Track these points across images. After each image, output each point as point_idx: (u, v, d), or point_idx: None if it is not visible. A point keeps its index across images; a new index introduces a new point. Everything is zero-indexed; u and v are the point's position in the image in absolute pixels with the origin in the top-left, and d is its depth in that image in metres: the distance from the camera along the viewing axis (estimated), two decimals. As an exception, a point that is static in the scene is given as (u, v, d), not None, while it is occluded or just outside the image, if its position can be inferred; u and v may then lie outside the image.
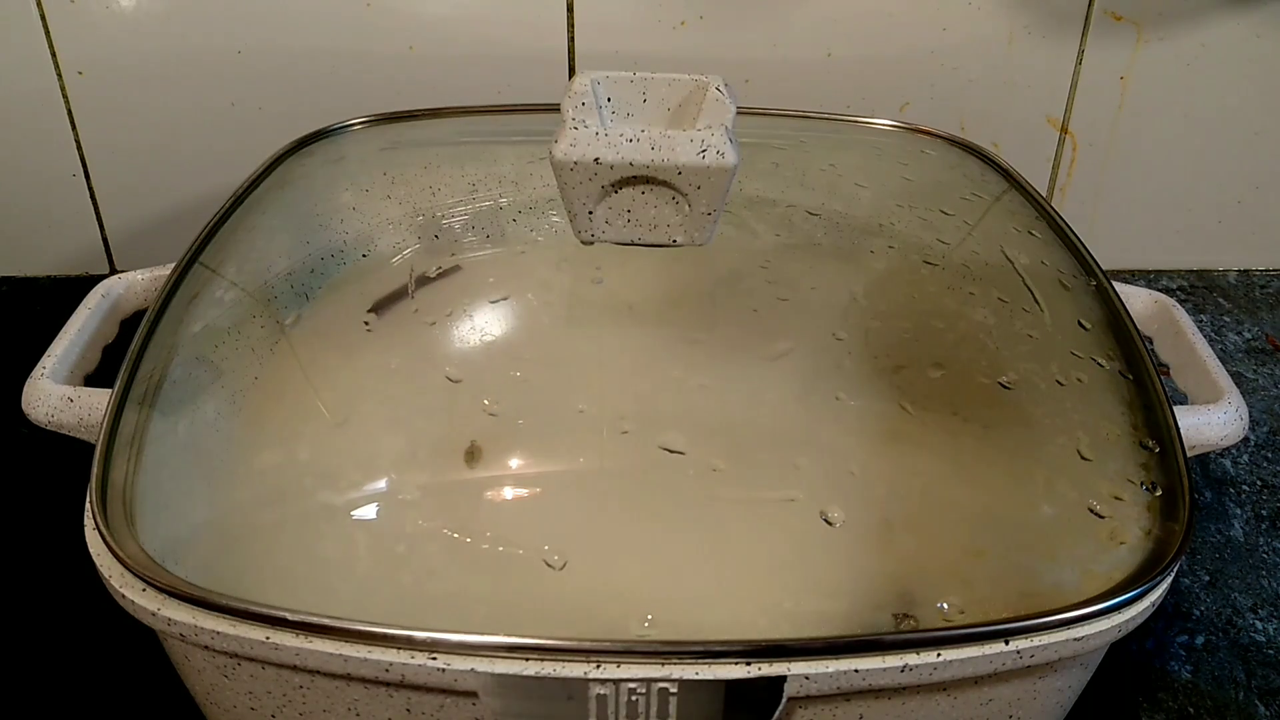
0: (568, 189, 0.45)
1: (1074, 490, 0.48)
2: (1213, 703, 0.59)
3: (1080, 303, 0.56)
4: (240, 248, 0.60)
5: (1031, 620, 0.43)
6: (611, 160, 0.44)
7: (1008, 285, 0.56)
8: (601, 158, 0.44)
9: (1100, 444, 0.49)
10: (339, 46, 0.80)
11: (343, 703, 0.44)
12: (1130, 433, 0.50)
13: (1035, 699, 0.47)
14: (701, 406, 0.50)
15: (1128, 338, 0.54)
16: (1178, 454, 0.48)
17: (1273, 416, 0.77)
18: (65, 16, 0.78)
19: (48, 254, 0.88)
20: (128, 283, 0.61)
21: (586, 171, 0.44)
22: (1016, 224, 0.63)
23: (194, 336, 0.54)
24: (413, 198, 0.62)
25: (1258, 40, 0.80)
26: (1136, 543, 0.46)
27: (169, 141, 0.83)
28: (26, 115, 0.82)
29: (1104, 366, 0.53)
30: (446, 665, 0.41)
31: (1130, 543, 0.46)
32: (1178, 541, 0.46)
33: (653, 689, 0.42)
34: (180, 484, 0.48)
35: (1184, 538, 0.45)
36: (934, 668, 0.42)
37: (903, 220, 0.61)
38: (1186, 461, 0.48)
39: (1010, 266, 0.58)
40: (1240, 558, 0.67)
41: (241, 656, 0.44)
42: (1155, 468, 0.48)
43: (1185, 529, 0.46)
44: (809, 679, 0.42)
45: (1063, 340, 0.54)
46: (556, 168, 0.44)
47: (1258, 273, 0.91)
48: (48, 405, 0.52)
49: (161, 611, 0.43)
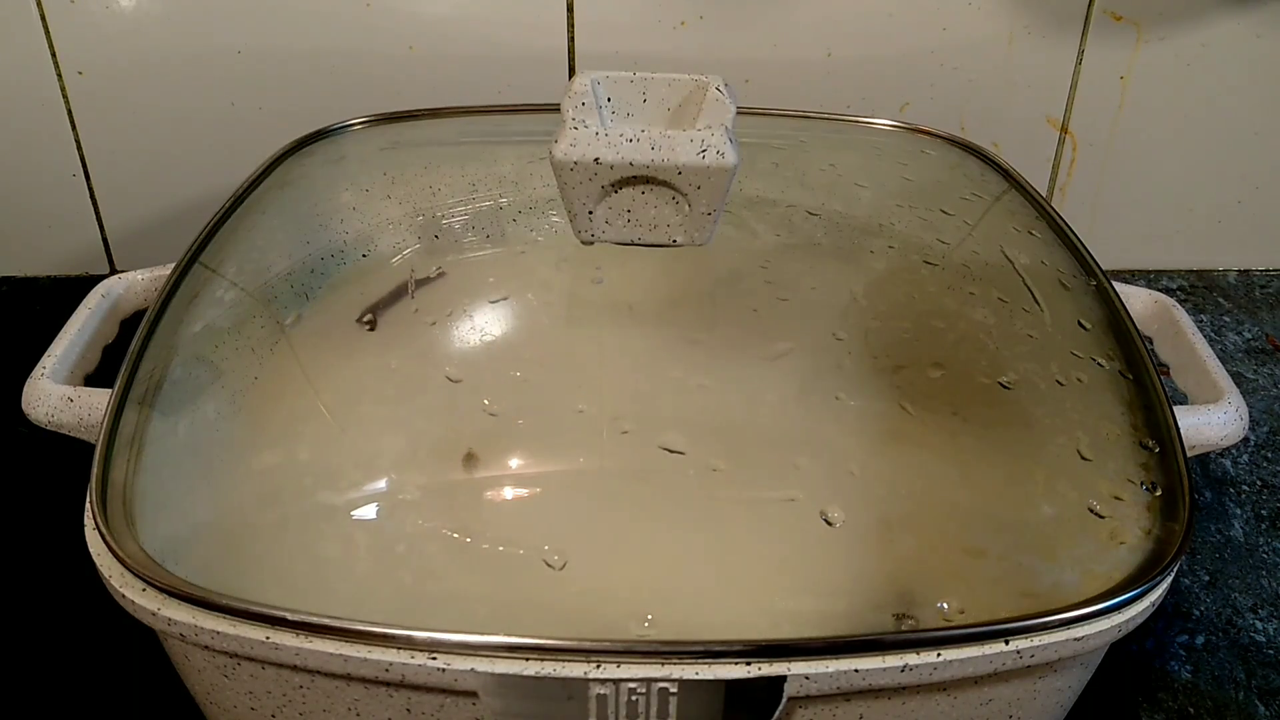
0: (568, 189, 0.45)
1: (1074, 490, 0.48)
2: (1213, 703, 0.59)
3: (1080, 303, 0.56)
4: (240, 247, 0.60)
5: (1031, 620, 0.43)
6: (611, 160, 0.44)
7: (1007, 285, 0.56)
8: (601, 157, 0.44)
9: (1100, 444, 0.49)
10: (339, 46, 0.80)
11: (342, 703, 0.44)
12: (1130, 433, 0.50)
13: (1035, 699, 0.47)
14: (701, 406, 0.50)
15: (1128, 338, 0.54)
16: (1177, 454, 0.48)
17: (1273, 416, 0.77)
18: (65, 16, 0.78)
19: (47, 254, 0.88)
20: (128, 283, 0.61)
21: (586, 171, 0.44)
22: (1016, 224, 0.63)
23: (194, 336, 0.54)
24: (413, 198, 0.62)
25: (1258, 40, 0.80)
26: (1136, 543, 0.46)
27: (169, 141, 0.83)
28: (26, 115, 0.82)
29: (1104, 366, 0.53)
30: (446, 665, 0.41)
31: (1130, 543, 0.46)
32: (1178, 541, 0.46)
33: (653, 689, 0.42)
34: (180, 484, 0.48)
35: (1184, 538, 0.45)
36: (934, 668, 0.42)
37: (903, 220, 0.61)
38: (1186, 461, 0.48)
39: (1010, 266, 0.58)
40: (1240, 558, 0.67)
41: (241, 656, 0.44)
42: (1155, 468, 0.48)
43: (1185, 529, 0.46)
44: (809, 679, 0.42)
45: (1062, 340, 0.54)
46: (556, 167, 0.44)
47: (1258, 273, 0.91)
48: (48, 405, 0.52)
49: (162, 611, 0.43)
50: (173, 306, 0.56)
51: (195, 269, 0.59)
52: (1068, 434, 0.49)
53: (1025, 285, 0.57)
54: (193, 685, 0.49)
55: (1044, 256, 0.60)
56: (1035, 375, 0.52)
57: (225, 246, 0.60)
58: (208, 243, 0.60)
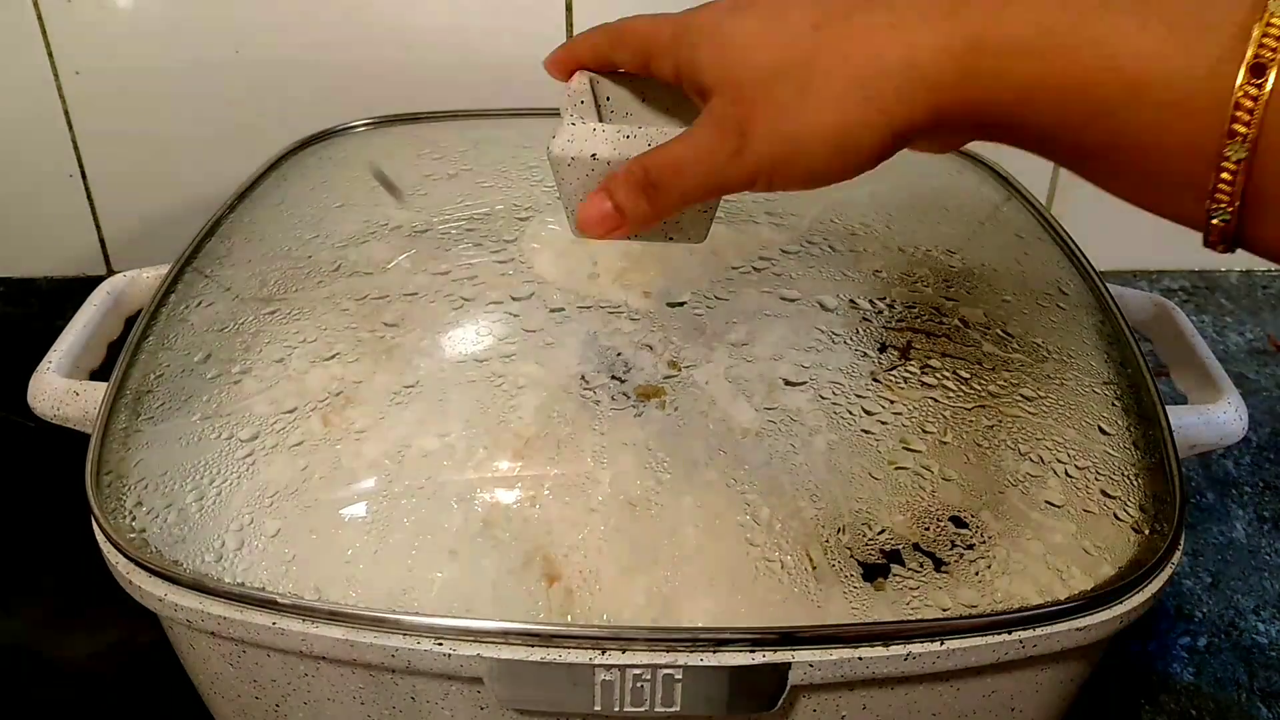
0: (564, 185, 0.45)
1: (1072, 487, 0.48)
2: (1214, 704, 0.60)
3: (1077, 307, 0.57)
4: (240, 245, 0.60)
5: (1034, 610, 0.44)
6: (608, 157, 0.43)
7: (1005, 289, 0.57)
8: (598, 154, 0.43)
9: (1096, 442, 0.50)
10: (337, 47, 0.80)
11: (347, 690, 0.45)
12: (1125, 432, 0.50)
13: (1037, 691, 0.47)
14: (701, 399, 0.50)
15: (1123, 341, 0.55)
16: (1169, 452, 0.49)
17: (1274, 418, 0.77)
18: (62, 16, 0.79)
19: (45, 254, 0.89)
20: (132, 280, 0.61)
21: (583, 167, 0.44)
22: (1015, 230, 0.63)
23: (191, 331, 0.55)
24: (413, 199, 0.62)
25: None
26: (1134, 536, 0.46)
27: (166, 142, 0.84)
28: (24, 115, 0.82)
29: (1100, 367, 0.53)
30: (452, 651, 0.42)
31: (1128, 536, 0.46)
32: (1172, 533, 0.46)
33: (658, 675, 0.42)
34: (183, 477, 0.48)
35: (1176, 529, 0.46)
36: (937, 656, 0.43)
37: (901, 225, 0.61)
38: (1177, 455, 0.49)
39: (1008, 271, 0.59)
40: (1242, 559, 0.67)
41: (247, 643, 0.44)
42: (1149, 463, 0.49)
43: (1178, 520, 0.46)
44: (813, 666, 0.42)
45: (1060, 343, 0.54)
46: (553, 163, 0.44)
47: (1259, 273, 0.91)
48: (53, 399, 0.53)
49: (168, 597, 0.43)
50: (171, 302, 0.57)
51: (195, 263, 0.59)
52: (1064, 434, 0.50)
53: (1023, 289, 0.57)
54: (197, 675, 0.49)
55: (1042, 261, 0.60)
56: (1033, 376, 0.52)
57: (226, 241, 0.61)
58: (209, 238, 0.61)
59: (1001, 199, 0.66)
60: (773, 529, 0.45)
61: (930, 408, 0.50)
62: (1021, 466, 0.48)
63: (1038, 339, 0.54)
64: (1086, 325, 0.56)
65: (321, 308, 0.55)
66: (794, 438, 0.49)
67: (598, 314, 0.54)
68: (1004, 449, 0.49)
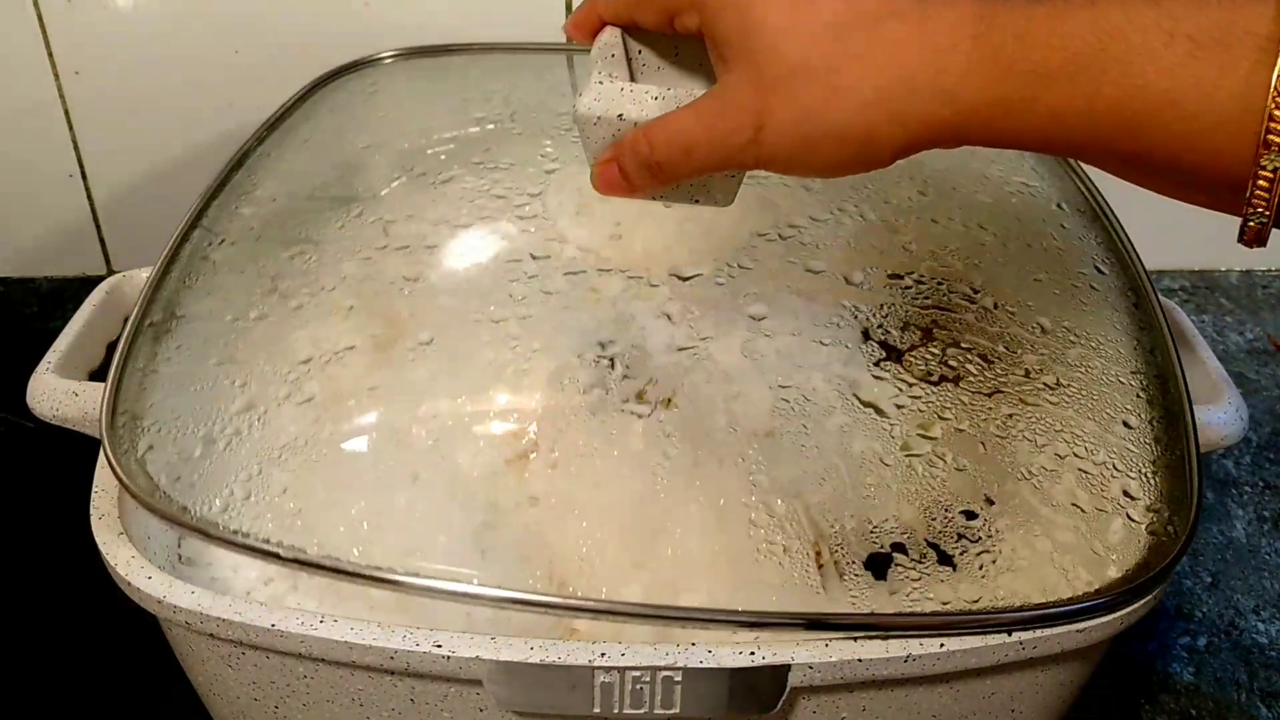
0: (589, 143, 0.43)
1: (1087, 483, 0.48)
2: (1214, 704, 0.59)
3: (1111, 289, 0.56)
4: (265, 181, 0.60)
5: (1034, 611, 0.43)
6: (636, 117, 0.42)
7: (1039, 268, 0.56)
8: (625, 114, 0.42)
9: (1116, 436, 0.49)
10: (337, 47, 0.80)
11: (346, 693, 0.44)
12: (1147, 425, 0.50)
13: (1037, 693, 0.47)
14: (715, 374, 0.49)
15: (1155, 327, 0.54)
16: (1190, 450, 0.48)
17: (1274, 417, 0.77)
18: (62, 16, 0.79)
19: (45, 254, 0.88)
20: (132, 280, 0.61)
21: (610, 127, 0.43)
22: (1057, 201, 0.61)
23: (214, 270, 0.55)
24: (440, 129, 0.61)
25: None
26: (1146, 539, 0.46)
27: (167, 142, 0.84)
28: (23, 115, 0.82)
29: (1128, 355, 0.52)
30: (451, 652, 0.42)
31: (1139, 538, 0.46)
32: (1182, 538, 0.45)
33: (657, 677, 0.42)
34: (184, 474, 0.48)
35: (1189, 535, 0.45)
36: (937, 658, 0.42)
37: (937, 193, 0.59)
38: (1199, 458, 0.48)
39: (1045, 247, 0.57)
40: (1242, 559, 0.67)
41: (246, 645, 0.44)
42: (1169, 460, 0.48)
43: (1190, 526, 0.46)
44: (812, 668, 0.42)
45: (1090, 328, 0.53)
46: (580, 121, 0.43)
47: (1259, 273, 0.91)
48: (52, 400, 0.52)
49: (168, 599, 0.43)
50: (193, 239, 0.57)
51: (219, 200, 0.59)
52: (1079, 426, 0.49)
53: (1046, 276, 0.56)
54: (196, 678, 0.49)
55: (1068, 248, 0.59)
56: (1051, 366, 0.51)
57: (252, 177, 0.61)
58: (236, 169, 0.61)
59: (1044, 168, 0.64)
60: (776, 514, 0.45)
61: (949, 393, 0.50)
62: (1037, 459, 0.48)
63: (1067, 322, 0.53)
64: (1119, 309, 0.55)
65: (343, 254, 0.54)
66: (806, 418, 0.48)
67: (617, 278, 0.53)
68: (1021, 439, 0.49)
